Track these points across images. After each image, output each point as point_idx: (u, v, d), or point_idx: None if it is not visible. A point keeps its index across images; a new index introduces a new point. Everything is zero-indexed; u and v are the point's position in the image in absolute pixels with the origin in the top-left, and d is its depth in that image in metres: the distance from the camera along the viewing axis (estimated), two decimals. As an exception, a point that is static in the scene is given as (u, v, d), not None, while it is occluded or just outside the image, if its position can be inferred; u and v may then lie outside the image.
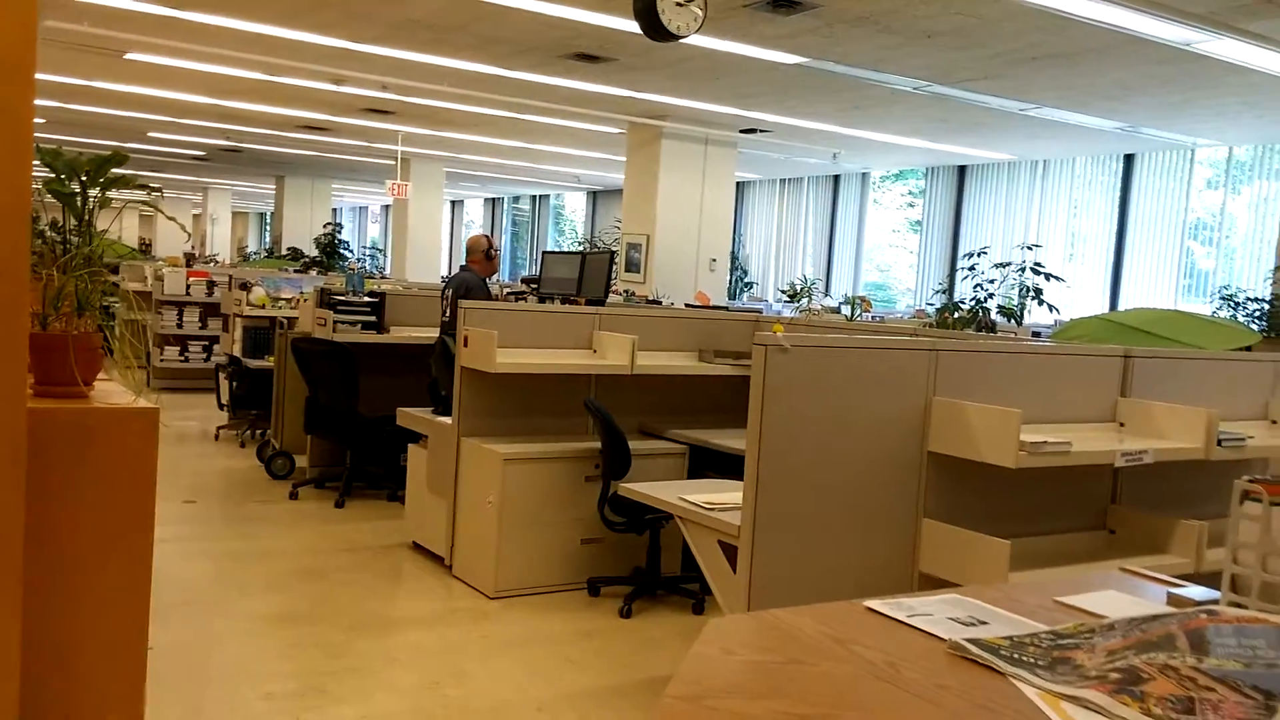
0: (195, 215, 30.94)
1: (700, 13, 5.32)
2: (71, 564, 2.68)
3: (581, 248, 19.77)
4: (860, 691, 1.34)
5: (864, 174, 14.46)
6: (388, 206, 29.20)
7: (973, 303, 5.28)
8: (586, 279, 6.89)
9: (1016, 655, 1.46)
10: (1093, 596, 1.80)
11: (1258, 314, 5.49)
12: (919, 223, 14.75)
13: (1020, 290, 5.35)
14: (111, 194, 2.97)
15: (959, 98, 8.59)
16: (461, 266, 6.71)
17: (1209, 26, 5.87)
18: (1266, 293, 5.51)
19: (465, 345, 5.13)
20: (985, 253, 5.59)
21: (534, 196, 23.34)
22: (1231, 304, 5.61)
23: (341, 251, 19.36)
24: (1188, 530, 3.88)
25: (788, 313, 10.59)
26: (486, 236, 6.73)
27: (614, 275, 6.93)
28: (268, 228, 33.45)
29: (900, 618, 1.63)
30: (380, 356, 7.05)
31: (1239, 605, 1.70)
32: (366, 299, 7.09)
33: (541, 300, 7.59)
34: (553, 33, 7.49)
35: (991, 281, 5.24)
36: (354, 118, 12.48)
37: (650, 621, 4.71)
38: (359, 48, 8.38)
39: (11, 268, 2.31)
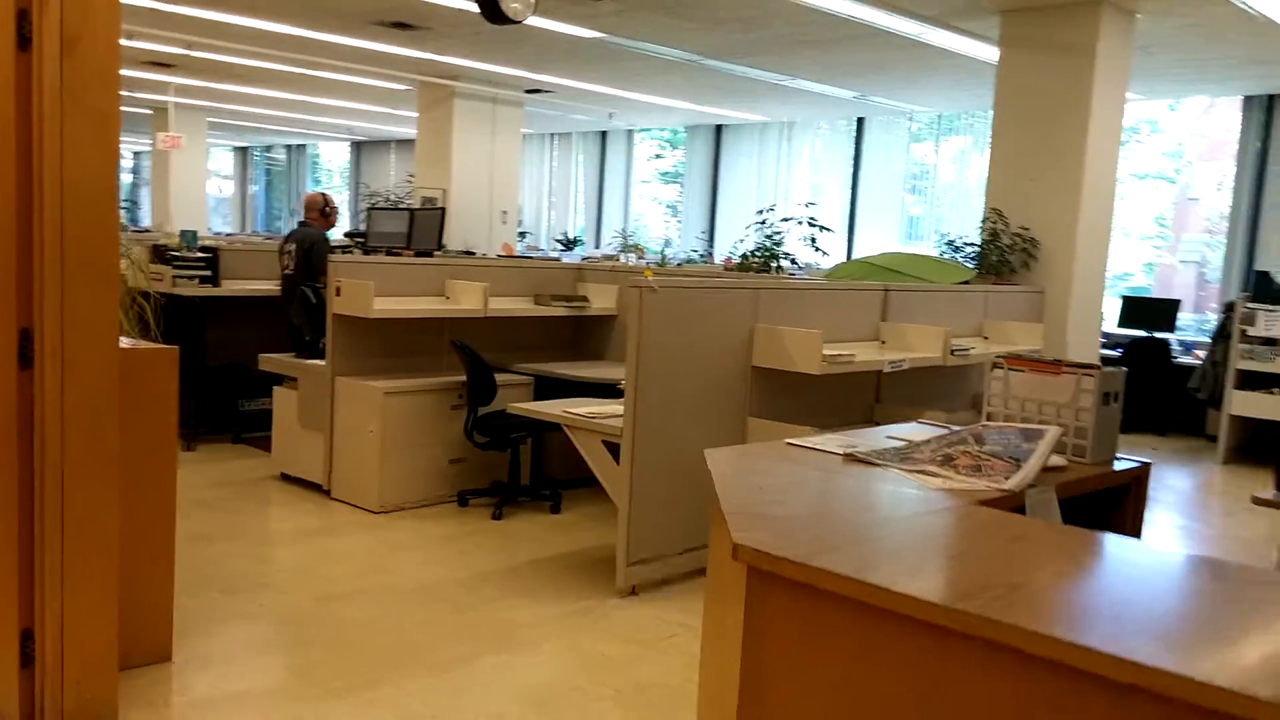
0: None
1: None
2: (125, 472, 3.33)
3: (348, 200, 19.86)
4: (814, 476, 2.39)
5: (629, 131, 15.60)
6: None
7: (763, 252, 6.47)
8: (416, 232, 7.58)
9: (882, 457, 2.55)
10: (908, 432, 2.94)
11: (971, 255, 6.99)
12: (667, 173, 16.12)
13: (795, 241, 6.58)
14: None
15: (728, 70, 9.82)
16: (300, 223, 7.22)
17: (933, 23, 7.29)
18: (978, 238, 7.02)
19: (338, 294, 5.79)
20: (774, 209, 6.78)
21: (289, 146, 22.97)
22: (953, 248, 7.08)
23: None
24: (931, 418, 5.20)
25: (566, 259, 11.57)
26: (322, 194, 7.26)
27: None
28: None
29: (808, 445, 2.69)
30: (214, 309, 7.44)
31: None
32: (200, 254, 7.45)
33: (367, 253, 8.20)
34: (374, 1, 8.02)
35: (779, 233, 6.42)
36: (130, 69, 12.24)
37: (518, 521, 5.63)
38: (162, 7, 8.52)
39: (109, 240, 2.97)
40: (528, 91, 11.79)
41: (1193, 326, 10.50)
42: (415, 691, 3.45)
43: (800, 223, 6.40)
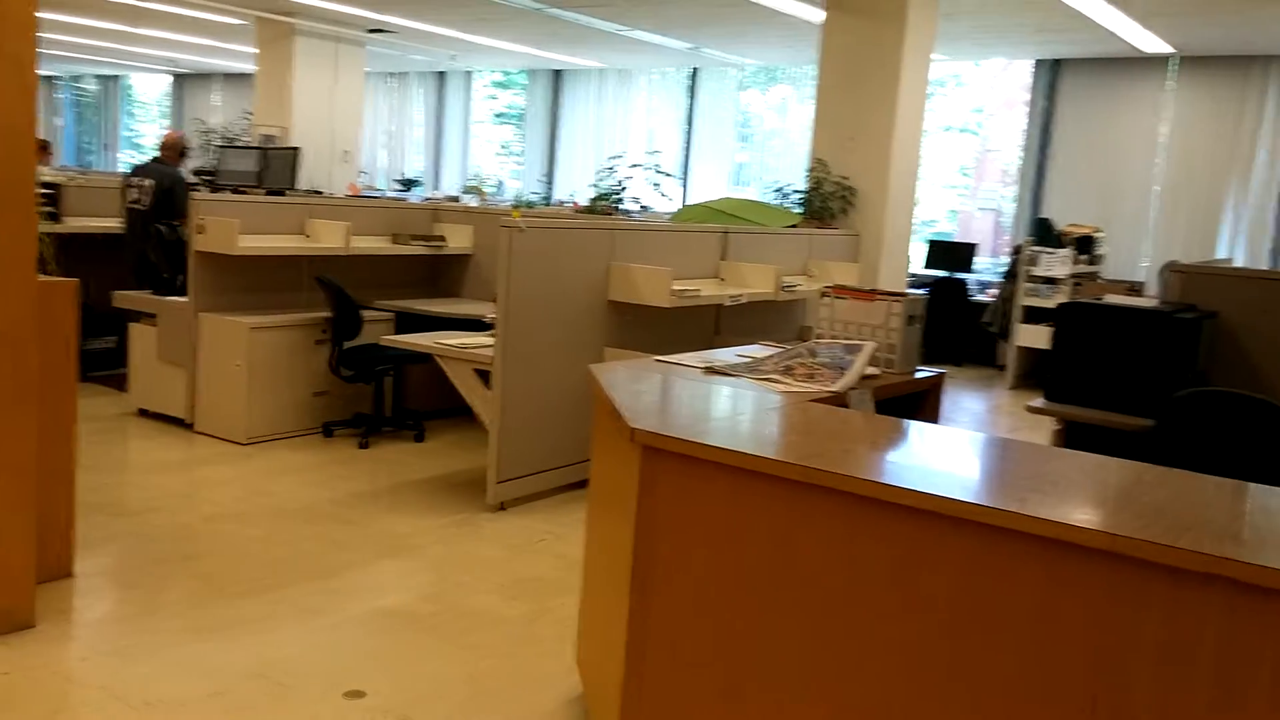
0: None
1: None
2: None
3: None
4: (682, 384, 2.90)
5: (468, 72, 15.67)
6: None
7: (613, 195, 6.93)
8: (269, 172, 7.66)
9: (735, 369, 3.08)
10: (752, 350, 3.48)
11: (798, 201, 7.64)
12: (501, 115, 16.32)
13: (639, 185, 7.07)
14: None
15: (570, 18, 10.14)
16: (154, 159, 7.20)
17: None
18: (803, 185, 7.66)
19: (201, 231, 5.91)
20: (622, 156, 7.23)
21: (101, 76, 21.78)
22: (781, 194, 7.72)
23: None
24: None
25: (411, 199, 11.70)
26: (181, 134, 7.27)
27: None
28: None
29: (673, 361, 3.20)
30: (54, 246, 7.33)
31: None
32: (42, 190, 7.31)
33: (215, 190, 8.20)
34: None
35: (628, 178, 6.88)
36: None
37: (384, 449, 5.97)
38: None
39: (26, 177, 3.16)
40: (370, 31, 11.78)
41: (989, 269, 11.61)
42: (315, 592, 3.81)
43: (647, 169, 6.89)
